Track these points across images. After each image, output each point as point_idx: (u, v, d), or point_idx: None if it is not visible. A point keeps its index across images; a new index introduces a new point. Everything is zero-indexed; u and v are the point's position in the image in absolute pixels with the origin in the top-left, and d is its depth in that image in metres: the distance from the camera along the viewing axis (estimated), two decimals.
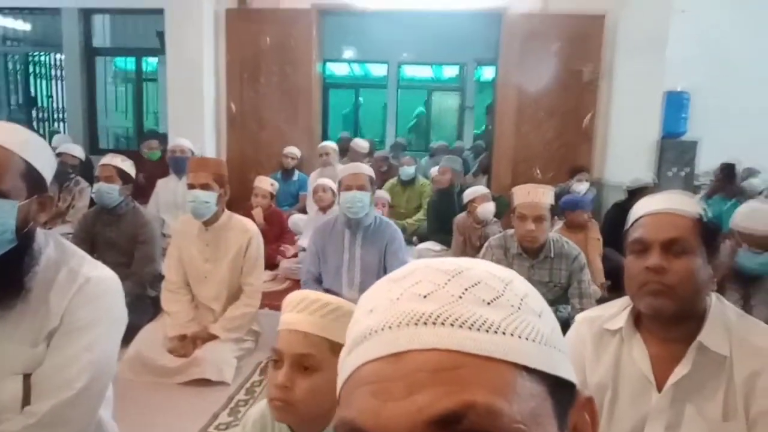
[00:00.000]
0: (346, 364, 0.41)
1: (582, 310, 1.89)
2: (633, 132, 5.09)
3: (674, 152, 5.17)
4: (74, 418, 1.21)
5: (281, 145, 5.53)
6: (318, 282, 2.98)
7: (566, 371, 0.41)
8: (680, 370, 1.10)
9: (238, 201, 4.62)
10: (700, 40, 5.17)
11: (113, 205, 3.13)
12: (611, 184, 5.13)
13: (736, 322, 1.12)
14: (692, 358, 1.10)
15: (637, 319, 1.19)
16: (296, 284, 3.49)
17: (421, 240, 4.79)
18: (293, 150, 5.38)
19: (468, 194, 3.97)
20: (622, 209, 3.76)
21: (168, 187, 4.56)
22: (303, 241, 4.15)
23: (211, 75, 5.62)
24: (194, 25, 5.42)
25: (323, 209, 4.05)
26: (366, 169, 2.97)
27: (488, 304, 0.39)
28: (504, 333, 0.38)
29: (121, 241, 3.17)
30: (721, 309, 1.14)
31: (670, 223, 1.11)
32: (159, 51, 6.45)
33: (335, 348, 1.09)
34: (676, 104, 5.17)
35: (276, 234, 4.35)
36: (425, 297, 0.40)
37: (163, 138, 5.66)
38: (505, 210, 4.01)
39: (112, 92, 7.96)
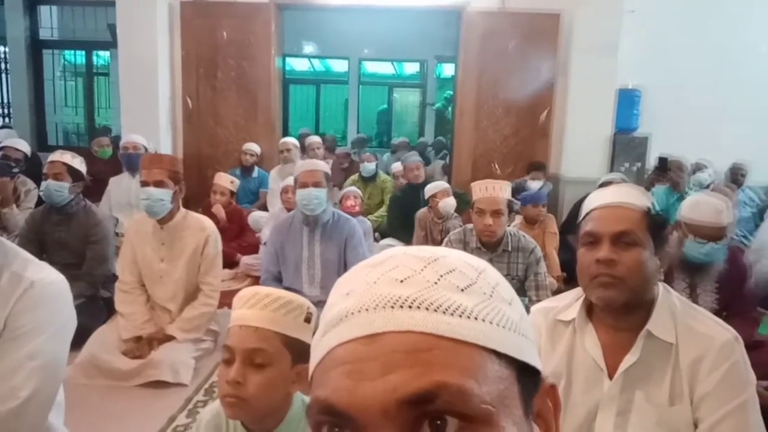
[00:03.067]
0: (321, 345, 0.42)
1: (539, 301, 1.93)
2: (588, 128, 5.22)
3: (627, 147, 5.34)
4: (20, 427, 1.16)
5: (240, 141, 5.43)
6: (277, 281, 2.94)
7: (533, 358, 0.42)
8: (630, 358, 1.14)
9: (196, 199, 4.53)
10: (649, 40, 5.37)
11: (63, 204, 3.02)
12: (567, 179, 5.25)
13: (681, 310, 1.17)
14: (641, 346, 1.14)
15: (589, 309, 1.23)
16: (257, 281, 3.44)
17: (383, 236, 4.79)
18: (253, 146, 5.29)
19: (429, 189, 4.01)
20: None
21: (121, 185, 4.41)
22: (265, 237, 4.09)
23: (166, 70, 5.46)
24: (148, 18, 5.24)
25: (289, 210, 3.99)
26: (322, 165, 2.94)
27: (462, 290, 0.41)
28: (476, 318, 0.39)
29: (71, 241, 3.06)
30: (668, 298, 1.19)
31: (620, 216, 1.15)
32: (111, 44, 6.23)
33: (287, 342, 1.09)
34: (628, 101, 5.33)
35: (236, 231, 4.29)
36: (402, 282, 0.40)
37: (114, 138, 5.47)
38: (465, 207, 4.04)
39: (61, 87, 7.63)
